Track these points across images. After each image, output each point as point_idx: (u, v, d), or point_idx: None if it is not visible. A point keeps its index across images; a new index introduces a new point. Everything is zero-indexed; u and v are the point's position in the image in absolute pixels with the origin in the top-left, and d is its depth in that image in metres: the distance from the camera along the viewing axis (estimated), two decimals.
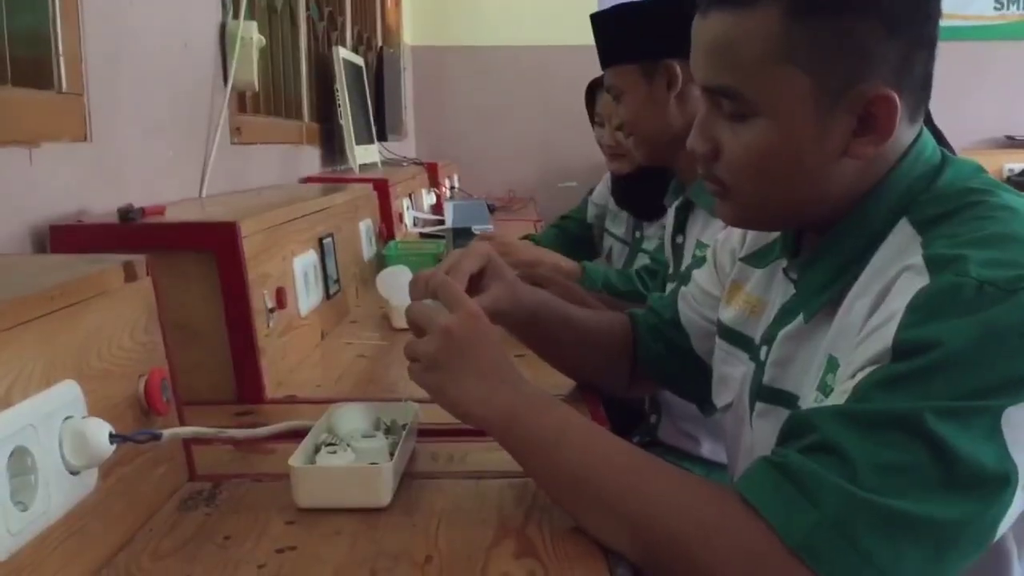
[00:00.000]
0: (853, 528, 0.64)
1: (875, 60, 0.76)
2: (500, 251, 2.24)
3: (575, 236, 2.64)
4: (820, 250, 0.84)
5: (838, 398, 0.70)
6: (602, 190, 2.63)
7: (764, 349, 0.89)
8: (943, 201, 0.77)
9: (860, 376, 0.69)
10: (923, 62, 0.79)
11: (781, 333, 0.86)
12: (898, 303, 0.70)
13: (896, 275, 0.73)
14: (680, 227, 1.52)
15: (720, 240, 1.09)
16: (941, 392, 0.65)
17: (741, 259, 1.01)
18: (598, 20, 1.55)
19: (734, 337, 0.98)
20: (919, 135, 0.82)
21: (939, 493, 0.64)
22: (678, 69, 1.44)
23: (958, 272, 0.68)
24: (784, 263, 0.90)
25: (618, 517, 0.73)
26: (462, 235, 1.86)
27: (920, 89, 0.80)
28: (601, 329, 1.16)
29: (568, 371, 1.19)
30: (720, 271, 1.07)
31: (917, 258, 0.72)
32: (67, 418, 0.67)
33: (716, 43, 0.80)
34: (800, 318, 0.84)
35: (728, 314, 1.00)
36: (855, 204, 0.81)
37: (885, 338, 0.69)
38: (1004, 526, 0.67)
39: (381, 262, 1.95)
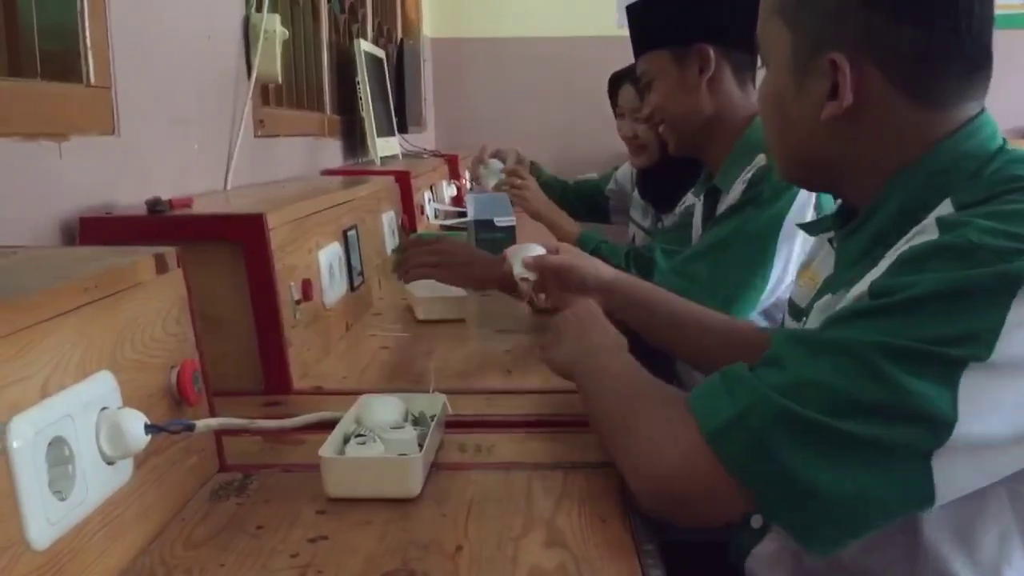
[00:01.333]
0: (760, 427, 0.68)
1: (845, 28, 0.79)
2: (520, 187, 2.35)
3: (586, 195, 2.83)
4: (858, 222, 0.85)
5: None
6: (626, 170, 2.72)
7: (804, 320, 0.91)
8: (989, 186, 0.76)
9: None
10: (915, 39, 0.77)
11: (816, 304, 0.88)
12: (895, 255, 0.72)
13: (911, 237, 0.74)
14: (711, 214, 1.51)
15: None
16: (897, 331, 0.66)
17: (798, 224, 1.05)
18: (632, 9, 1.55)
19: (794, 311, 1.00)
20: (973, 119, 0.80)
21: (865, 414, 0.65)
22: (711, 52, 1.43)
23: (959, 235, 0.69)
24: (831, 234, 0.92)
25: (609, 424, 0.85)
26: (484, 228, 1.85)
27: (915, 68, 0.78)
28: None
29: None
30: None
31: (932, 219, 0.73)
32: (103, 409, 0.68)
33: None
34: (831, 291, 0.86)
35: (793, 290, 1.03)
36: (888, 180, 0.81)
37: (868, 283, 0.72)
38: (944, 478, 0.66)
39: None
